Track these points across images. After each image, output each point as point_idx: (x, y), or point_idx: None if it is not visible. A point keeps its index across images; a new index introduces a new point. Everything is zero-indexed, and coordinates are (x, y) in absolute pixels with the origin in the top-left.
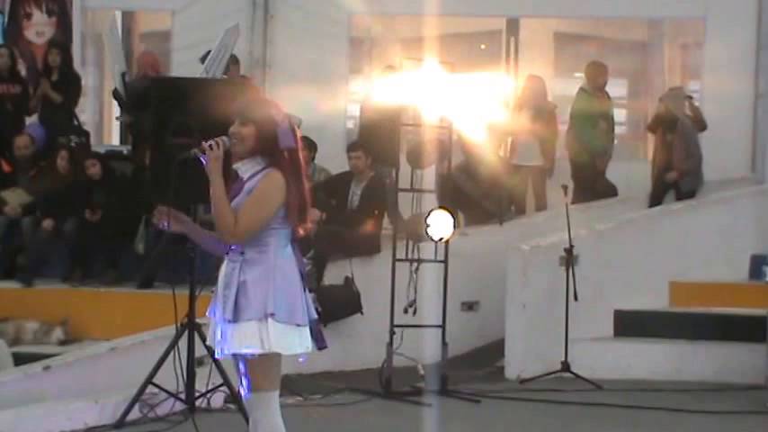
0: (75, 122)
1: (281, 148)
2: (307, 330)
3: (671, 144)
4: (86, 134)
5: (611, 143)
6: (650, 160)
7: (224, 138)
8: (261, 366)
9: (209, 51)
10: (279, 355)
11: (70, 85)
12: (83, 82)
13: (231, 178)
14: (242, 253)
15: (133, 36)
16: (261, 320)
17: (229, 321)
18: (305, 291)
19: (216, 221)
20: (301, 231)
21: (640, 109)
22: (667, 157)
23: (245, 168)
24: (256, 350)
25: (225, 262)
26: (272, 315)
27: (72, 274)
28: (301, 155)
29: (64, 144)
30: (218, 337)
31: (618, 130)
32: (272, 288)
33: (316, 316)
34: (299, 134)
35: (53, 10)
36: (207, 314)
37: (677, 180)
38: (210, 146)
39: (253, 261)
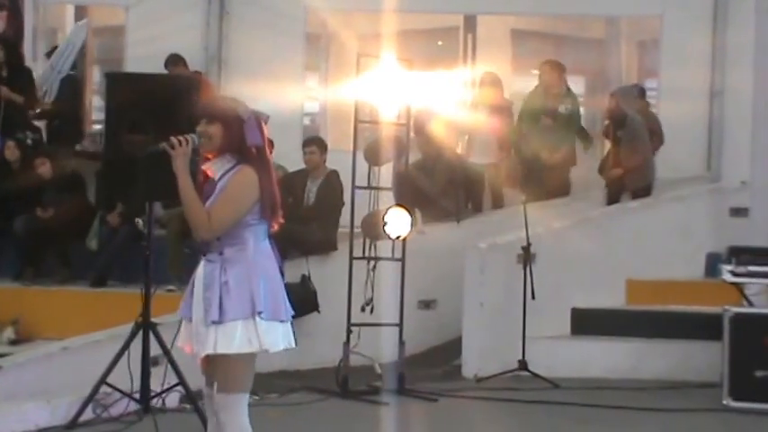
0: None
1: (248, 146)
2: (289, 326)
3: (620, 140)
4: (39, 131)
5: (561, 140)
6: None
7: (193, 135)
8: (238, 368)
9: (57, 47)
10: (254, 356)
11: (23, 80)
12: (34, 76)
13: (202, 177)
14: (221, 253)
15: (86, 31)
16: (247, 319)
17: (213, 323)
18: (284, 286)
19: (188, 218)
20: (275, 226)
21: (598, 106)
22: (616, 153)
23: (215, 168)
24: (246, 350)
25: (202, 262)
26: (260, 313)
27: (23, 273)
28: (268, 151)
29: (18, 139)
30: (197, 337)
31: None
32: (255, 286)
33: (293, 312)
34: (266, 130)
35: (4, 3)
36: (179, 314)
37: (622, 177)
38: (180, 141)
39: (233, 260)
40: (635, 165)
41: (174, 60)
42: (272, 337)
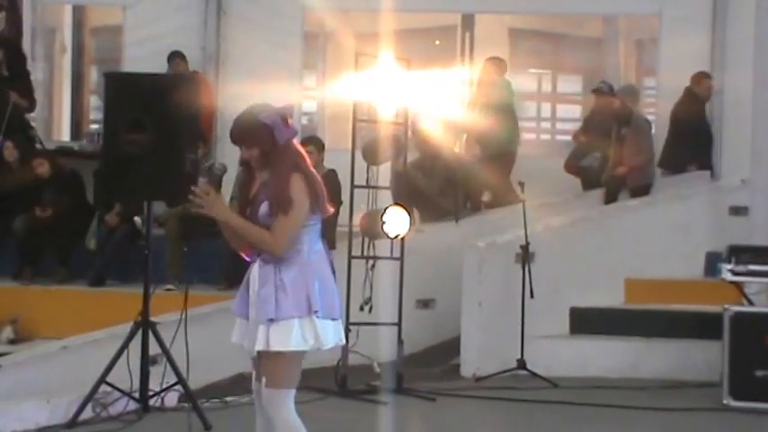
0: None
1: (281, 146)
2: (340, 323)
3: (624, 138)
4: (33, 130)
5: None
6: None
7: (201, 180)
8: (287, 364)
9: None
10: (303, 353)
11: (24, 81)
12: (32, 76)
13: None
14: None
15: (84, 31)
16: (302, 318)
17: (270, 320)
18: (335, 284)
19: (258, 246)
20: (329, 212)
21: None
22: (619, 152)
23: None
24: (302, 347)
25: (258, 262)
26: (316, 312)
27: (22, 272)
28: (297, 143)
29: (13, 138)
30: (250, 334)
31: (572, 126)
32: (311, 286)
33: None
34: (291, 123)
35: (3, 4)
36: (233, 312)
37: (625, 175)
38: (196, 193)
39: (288, 261)
40: (639, 163)
41: (183, 56)
42: (325, 336)
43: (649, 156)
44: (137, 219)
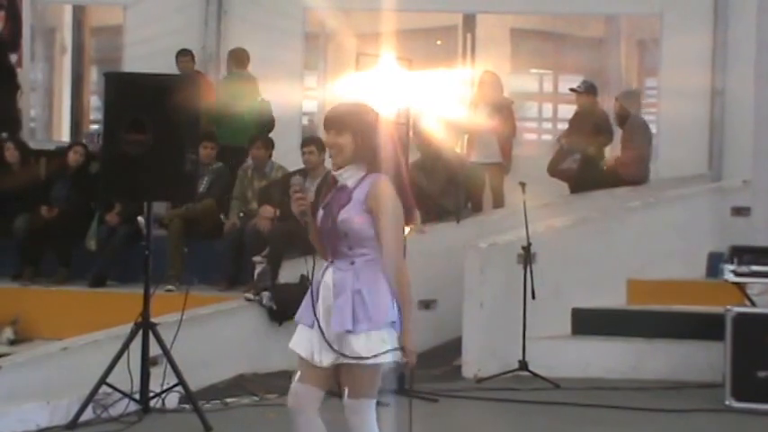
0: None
1: (381, 155)
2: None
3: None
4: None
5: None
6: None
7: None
8: (370, 374)
9: None
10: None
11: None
12: (32, 76)
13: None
14: (352, 263)
15: (84, 31)
16: (384, 329)
17: (348, 331)
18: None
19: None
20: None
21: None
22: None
23: (347, 175)
24: (387, 359)
25: (330, 270)
26: (393, 323)
27: (22, 273)
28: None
29: (12, 138)
30: (320, 344)
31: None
32: (389, 296)
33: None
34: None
35: (2, 4)
36: (297, 320)
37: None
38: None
39: (365, 269)
40: (628, 157)
41: (191, 53)
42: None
43: (641, 151)
44: (140, 219)
